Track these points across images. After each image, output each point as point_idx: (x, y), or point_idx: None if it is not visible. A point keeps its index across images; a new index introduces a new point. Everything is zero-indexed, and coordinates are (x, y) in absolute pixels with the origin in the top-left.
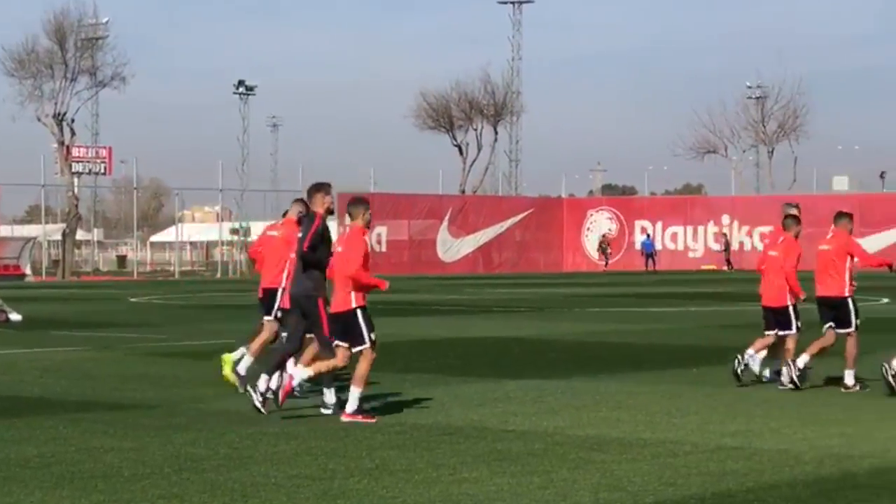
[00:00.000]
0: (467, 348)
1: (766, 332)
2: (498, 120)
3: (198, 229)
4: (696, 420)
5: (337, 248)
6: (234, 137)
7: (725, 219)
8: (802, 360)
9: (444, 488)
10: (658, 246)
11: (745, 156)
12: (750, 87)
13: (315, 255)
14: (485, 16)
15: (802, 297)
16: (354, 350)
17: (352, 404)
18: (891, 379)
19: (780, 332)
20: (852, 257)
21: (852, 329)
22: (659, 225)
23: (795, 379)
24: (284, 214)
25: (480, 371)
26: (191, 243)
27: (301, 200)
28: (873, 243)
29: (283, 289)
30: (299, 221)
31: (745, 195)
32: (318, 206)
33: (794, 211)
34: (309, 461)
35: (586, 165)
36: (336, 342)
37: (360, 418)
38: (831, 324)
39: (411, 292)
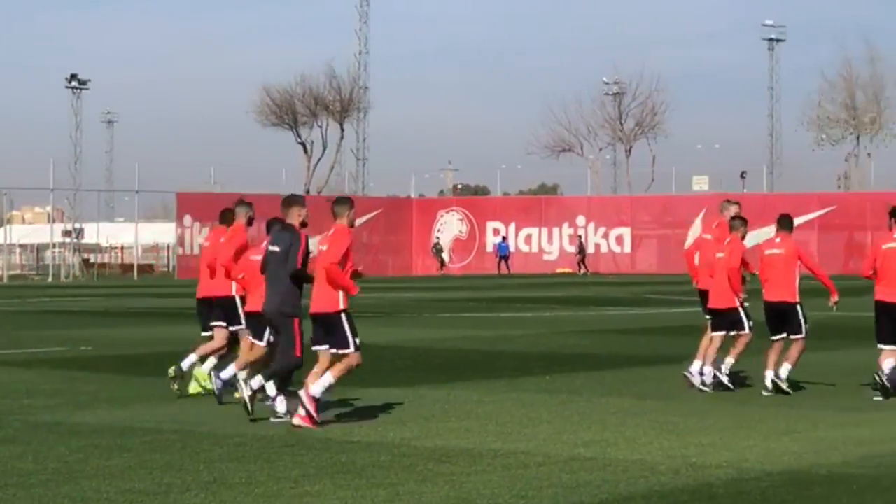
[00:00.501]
0: (310, 355)
1: (714, 334)
2: (344, 116)
3: (28, 231)
4: (548, 429)
5: (321, 248)
6: (67, 134)
7: (581, 220)
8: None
9: (286, 502)
10: (511, 248)
11: (602, 154)
12: (607, 83)
13: (306, 272)
14: (331, 6)
15: (743, 296)
16: (339, 353)
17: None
18: (886, 383)
19: (733, 333)
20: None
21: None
22: (512, 226)
23: (708, 385)
24: (224, 219)
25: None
26: (20, 246)
27: (246, 203)
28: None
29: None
30: (249, 223)
31: (601, 195)
32: (296, 219)
33: (735, 209)
34: (143, 475)
35: (437, 164)
36: (316, 347)
37: (307, 421)
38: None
39: None
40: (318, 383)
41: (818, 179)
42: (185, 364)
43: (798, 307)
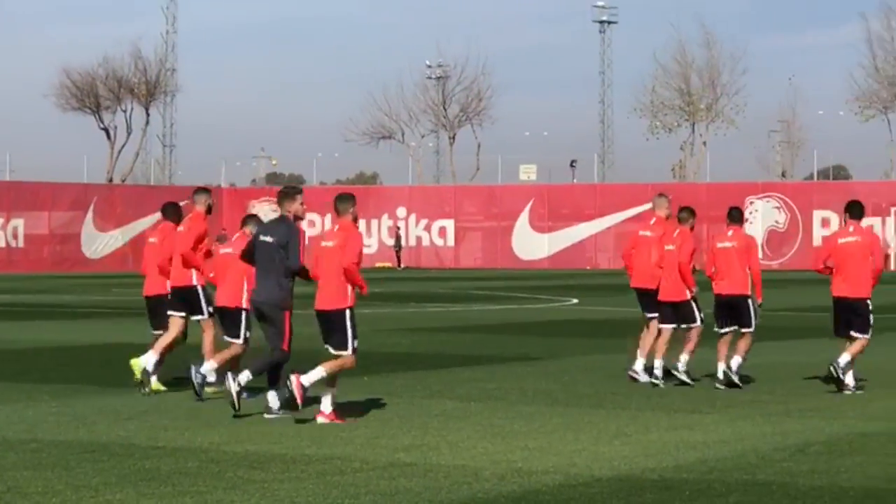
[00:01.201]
0: (111, 355)
1: (663, 326)
2: (150, 100)
3: None
4: (366, 433)
5: (326, 244)
6: None
7: (402, 211)
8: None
9: None
10: None
11: (425, 142)
12: (430, 67)
13: (304, 266)
14: None
15: (695, 289)
16: (335, 353)
17: (327, 405)
18: (841, 375)
19: (685, 325)
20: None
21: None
22: (328, 217)
23: (660, 379)
24: (166, 212)
25: (128, 380)
26: None
27: (205, 190)
28: (563, 238)
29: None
30: (208, 211)
31: (423, 185)
32: (291, 210)
33: (668, 203)
34: None
35: (249, 152)
36: (326, 344)
37: (335, 419)
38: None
39: (51, 293)
40: (309, 374)
41: (652, 169)
42: (148, 365)
43: (749, 300)
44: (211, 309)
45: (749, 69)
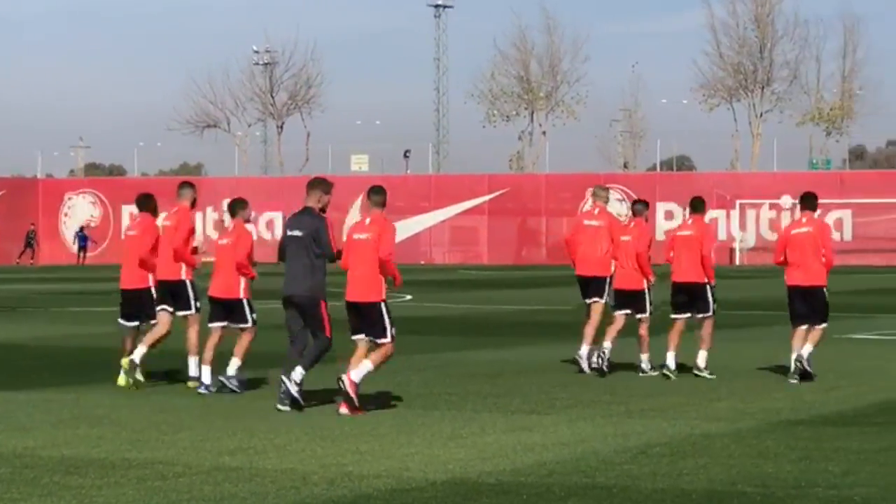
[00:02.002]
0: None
1: (617, 313)
2: None
3: None
4: (190, 436)
5: (357, 236)
6: None
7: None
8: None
9: None
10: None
11: (251, 131)
12: (257, 52)
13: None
14: None
15: (653, 280)
16: (377, 342)
17: (358, 375)
18: (807, 367)
19: (638, 315)
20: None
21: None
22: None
23: (604, 366)
24: (143, 205)
25: None
26: None
27: (190, 185)
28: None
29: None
30: (193, 205)
31: (249, 176)
32: (316, 203)
33: (610, 195)
34: None
35: (67, 141)
36: (355, 336)
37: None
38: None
39: None
40: (358, 369)
41: (489, 160)
42: (136, 356)
43: (707, 287)
44: (198, 304)
45: (591, 56)
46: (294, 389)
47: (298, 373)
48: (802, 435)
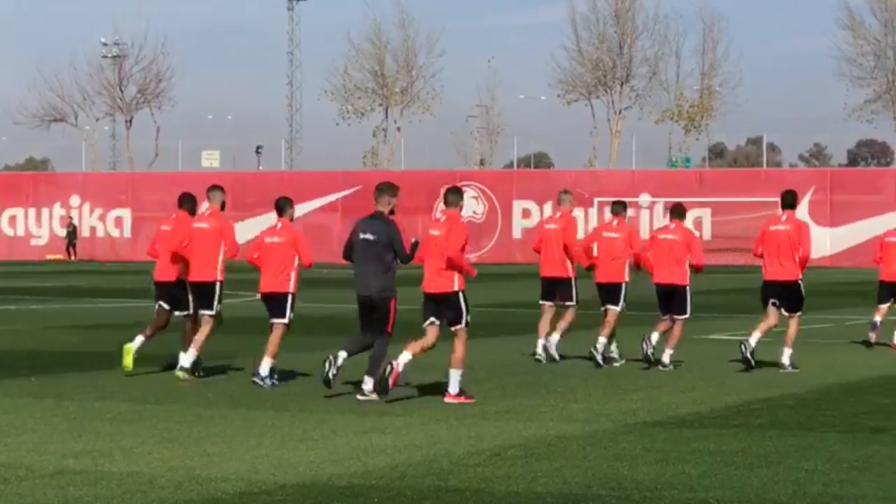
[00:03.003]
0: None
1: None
2: None
3: None
4: (33, 439)
5: (433, 233)
6: None
7: (75, 200)
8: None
9: None
10: None
11: (100, 125)
12: (105, 45)
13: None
14: None
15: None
16: (452, 329)
17: (454, 386)
18: (749, 355)
19: (610, 307)
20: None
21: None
22: None
23: (555, 354)
24: (185, 203)
25: None
26: None
27: (220, 188)
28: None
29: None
30: (222, 208)
31: (98, 171)
32: (386, 207)
33: (571, 197)
34: None
35: None
36: (431, 320)
37: (462, 399)
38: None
39: None
40: (452, 377)
41: (343, 156)
42: (185, 362)
43: (686, 289)
44: (219, 307)
45: (447, 51)
46: (335, 368)
47: (342, 355)
48: (659, 437)
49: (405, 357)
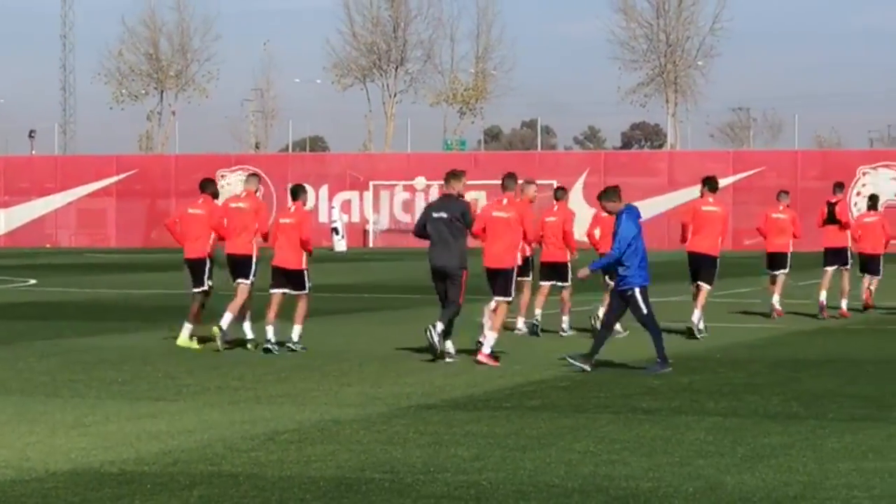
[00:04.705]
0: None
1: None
2: None
3: None
4: None
5: (499, 214)
6: None
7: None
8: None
9: None
10: None
11: None
12: None
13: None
14: None
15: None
16: (498, 299)
17: (487, 347)
18: (696, 330)
19: (559, 284)
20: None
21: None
22: None
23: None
24: (206, 187)
25: None
26: None
27: (256, 175)
28: (21, 214)
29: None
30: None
31: None
32: (454, 190)
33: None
34: None
35: None
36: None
37: (491, 361)
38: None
39: None
40: (487, 340)
41: (118, 140)
42: (224, 323)
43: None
44: (254, 278)
45: (222, 35)
46: (436, 337)
47: (439, 327)
48: (432, 419)
49: (492, 337)
